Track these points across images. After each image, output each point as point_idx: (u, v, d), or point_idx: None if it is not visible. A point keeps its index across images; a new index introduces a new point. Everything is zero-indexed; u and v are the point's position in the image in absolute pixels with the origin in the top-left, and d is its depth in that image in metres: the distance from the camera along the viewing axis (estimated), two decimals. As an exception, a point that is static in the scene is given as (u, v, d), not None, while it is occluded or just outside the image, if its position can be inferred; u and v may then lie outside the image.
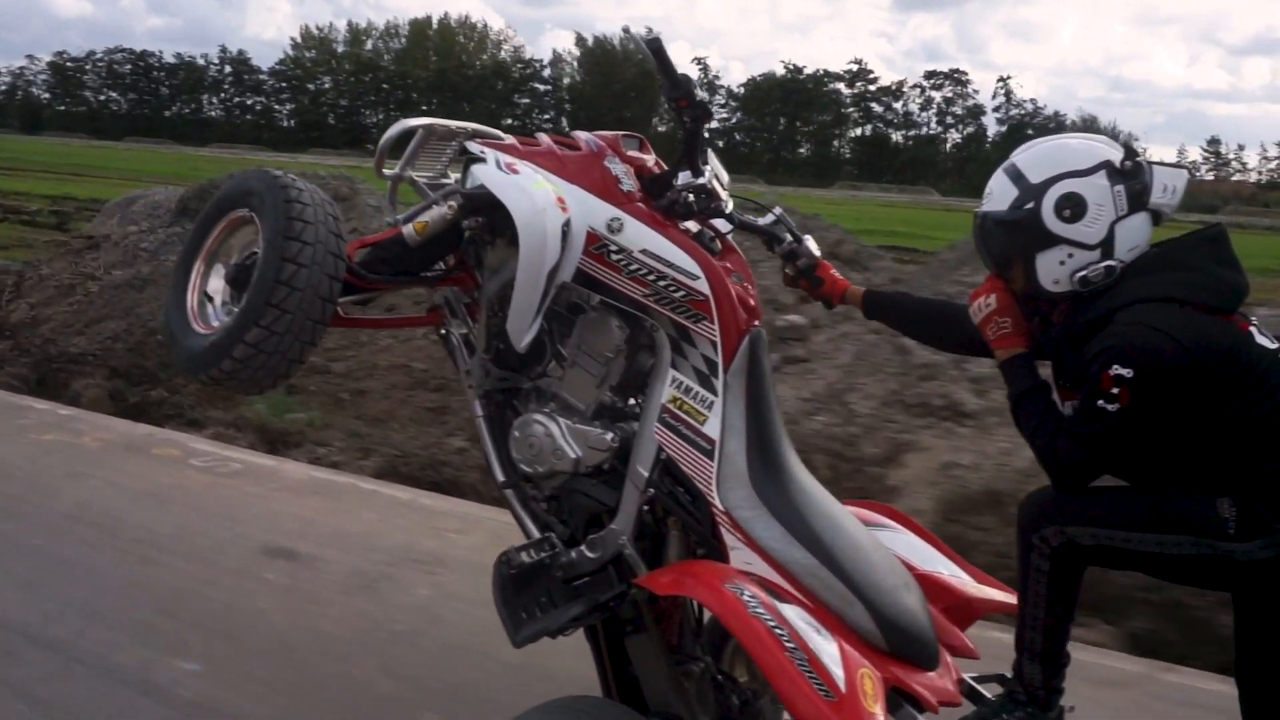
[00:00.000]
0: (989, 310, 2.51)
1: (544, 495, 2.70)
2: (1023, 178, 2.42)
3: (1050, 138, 2.52)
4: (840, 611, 2.38)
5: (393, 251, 2.67)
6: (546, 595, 2.60)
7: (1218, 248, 2.40)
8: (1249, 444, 2.27)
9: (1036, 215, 2.39)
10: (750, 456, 2.48)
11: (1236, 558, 2.26)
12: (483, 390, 2.76)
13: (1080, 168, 2.39)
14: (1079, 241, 2.38)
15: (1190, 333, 2.24)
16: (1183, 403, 2.25)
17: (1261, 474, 2.26)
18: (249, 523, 5.16)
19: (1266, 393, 2.26)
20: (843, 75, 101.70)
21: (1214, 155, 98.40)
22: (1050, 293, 2.42)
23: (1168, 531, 2.29)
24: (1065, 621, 2.42)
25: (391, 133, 2.77)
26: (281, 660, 3.77)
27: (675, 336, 2.51)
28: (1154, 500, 2.33)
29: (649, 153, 2.72)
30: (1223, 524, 2.25)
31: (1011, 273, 2.47)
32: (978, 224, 2.51)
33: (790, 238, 2.87)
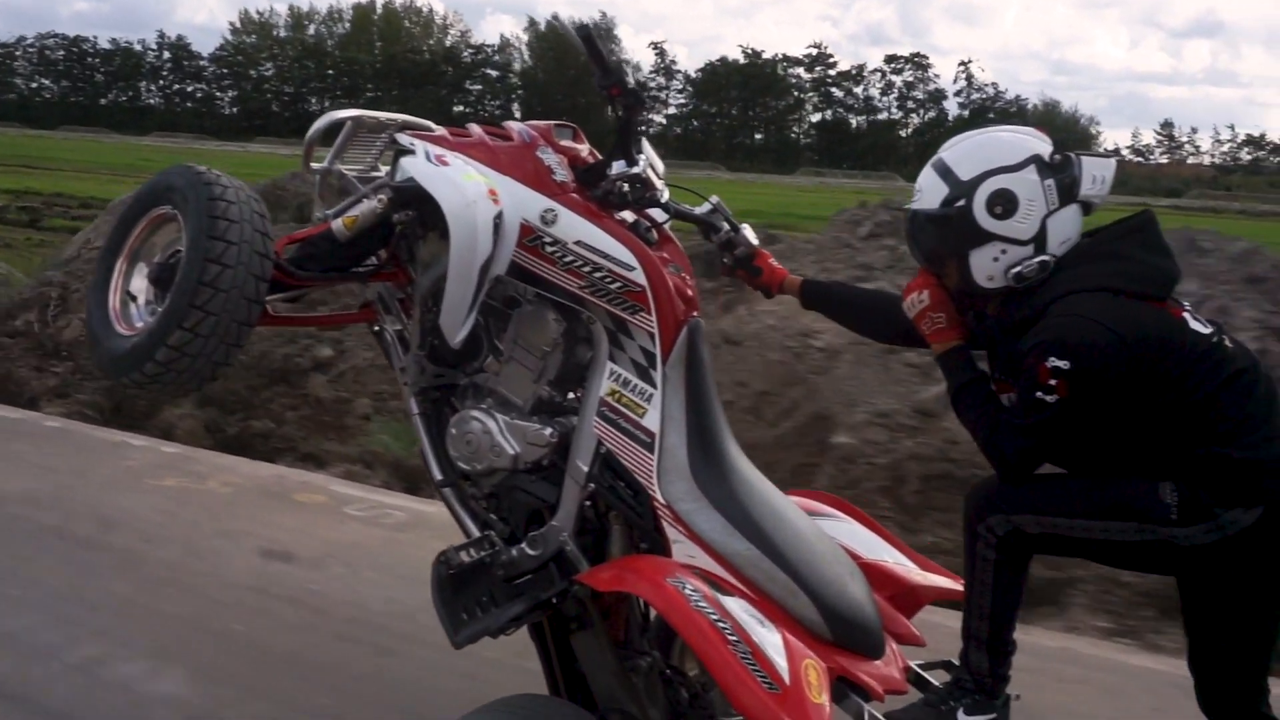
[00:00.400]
0: (923, 306, 2.50)
1: (483, 493, 2.65)
2: (952, 174, 2.41)
3: (978, 131, 2.51)
4: (784, 602, 2.35)
5: (322, 247, 2.61)
6: (488, 594, 2.56)
7: (1147, 235, 2.40)
8: (1188, 429, 2.27)
9: (968, 212, 2.38)
10: (691, 449, 2.45)
11: (1179, 543, 2.27)
12: (418, 387, 2.71)
13: (1010, 163, 2.38)
14: (1012, 238, 2.37)
15: (1124, 321, 2.24)
16: (1120, 391, 2.25)
17: (1201, 459, 2.26)
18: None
19: (1202, 378, 2.27)
20: (802, 60, 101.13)
21: (1167, 138, 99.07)
22: (985, 289, 2.41)
23: (1112, 518, 2.30)
24: (1011, 610, 2.42)
25: (319, 125, 2.70)
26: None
27: (612, 329, 2.47)
28: (1098, 487, 2.33)
29: (582, 142, 2.67)
30: (1165, 510, 2.26)
31: (944, 269, 2.46)
32: (908, 221, 2.49)
33: (727, 226, 2.84)
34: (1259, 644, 2.42)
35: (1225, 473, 2.24)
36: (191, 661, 3.65)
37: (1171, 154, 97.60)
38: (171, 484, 5.59)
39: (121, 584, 4.29)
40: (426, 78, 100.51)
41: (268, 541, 4.80)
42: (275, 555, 4.66)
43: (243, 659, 3.72)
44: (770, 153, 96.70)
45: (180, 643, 3.78)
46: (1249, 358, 2.36)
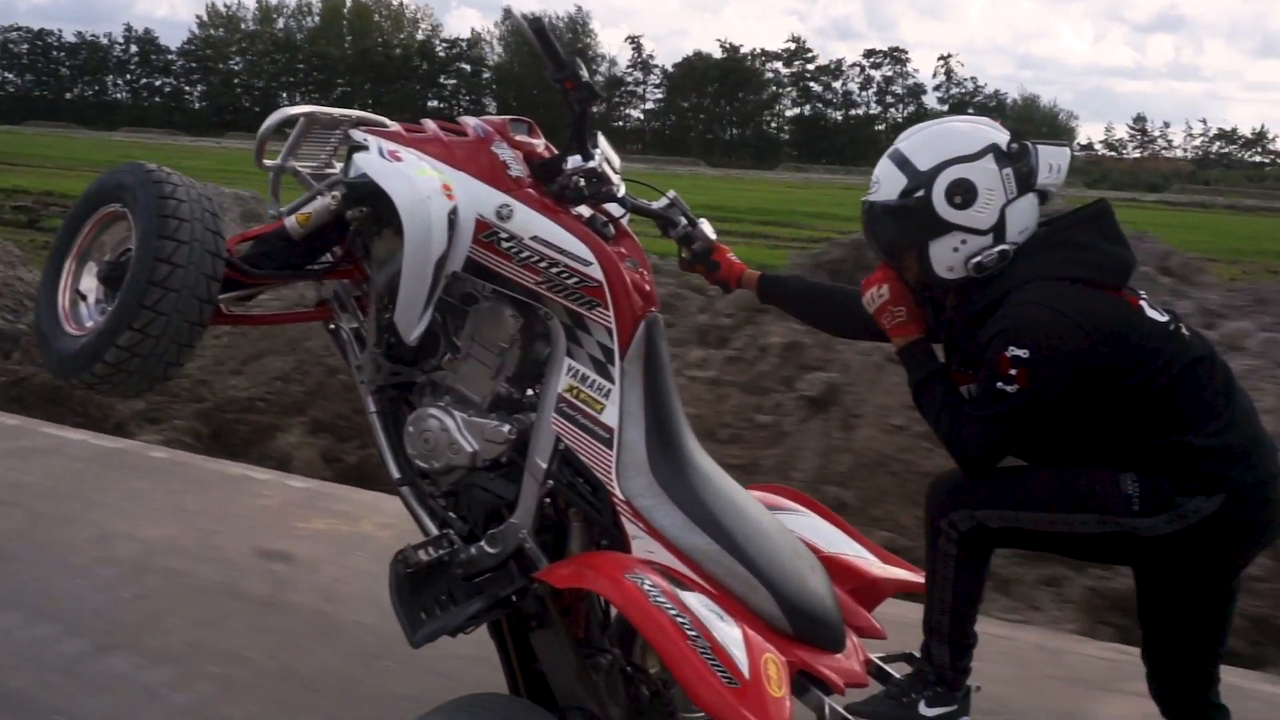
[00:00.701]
0: (883, 300, 2.50)
1: (441, 491, 2.63)
2: (909, 164, 2.40)
3: (934, 121, 2.51)
4: (744, 597, 2.35)
5: (275, 245, 2.58)
6: (446, 593, 2.54)
7: (1104, 224, 2.41)
8: (1147, 419, 2.28)
9: (928, 202, 2.37)
10: (650, 444, 2.44)
11: (1142, 534, 2.27)
12: (375, 386, 2.68)
13: (968, 152, 2.37)
14: (971, 228, 2.36)
15: (1082, 310, 2.24)
16: (1081, 380, 2.25)
17: (1161, 448, 2.27)
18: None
19: (1161, 366, 2.27)
20: (780, 54, 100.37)
21: (1140, 132, 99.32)
22: (944, 280, 2.41)
23: (1074, 511, 2.30)
24: (972, 603, 2.42)
25: (271, 121, 2.67)
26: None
27: (570, 324, 2.46)
28: (1059, 480, 2.34)
29: (538, 137, 2.65)
30: (1127, 501, 2.26)
31: (903, 261, 2.45)
32: (866, 213, 2.48)
33: (685, 221, 2.82)
34: (1212, 632, 2.44)
35: (1186, 461, 2.25)
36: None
37: (1144, 148, 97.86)
38: (322, 527, 5.08)
39: (330, 656, 3.81)
40: (400, 72, 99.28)
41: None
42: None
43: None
44: (749, 148, 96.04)
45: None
46: (1205, 345, 2.37)
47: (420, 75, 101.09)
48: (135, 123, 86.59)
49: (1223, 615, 2.44)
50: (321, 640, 3.91)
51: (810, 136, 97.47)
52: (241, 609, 4.17)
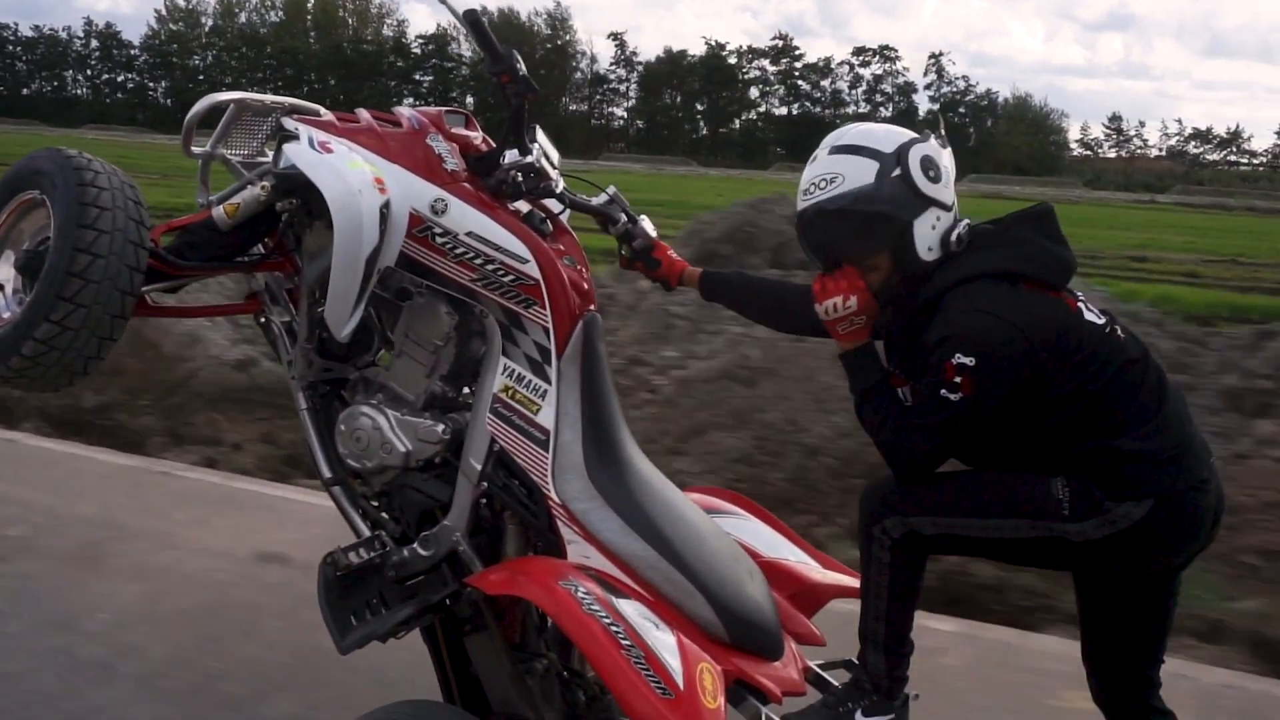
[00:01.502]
0: (848, 312, 2.39)
1: (373, 491, 2.57)
2: (871, 149, 2.34)
3: (848, 126, 2.47)
4: (680, 604, 2.30)
5: (203, 236, 2.50)
6: (378, 596, 2.48)
7: (1046, 224, 2.38)
8: (1080, 423, 2.25)
9: (909, 178, 2.31)
10: (586, 447, 2.39)
11: (1072, 539, 2.25)
12: (306, 382, 2.61)
13: (913, 135, 2.36)
14: (943, 203, 2.34)
15: (1024, 314, 2.22)
16: (1022, 386, 2.22)
17: (1091, 452, 2.24)
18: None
19: (1097, 369, 2.25)
20: (767, 51, 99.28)
21: (1115, 132, 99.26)
22: (924, 263, 2.34)
23: (1006, 516, 2.28)
24: (908, 611, 2.38)
25: (199, 108, 2.59)
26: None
27: (506, 323, 2.40)
28: (991, 485, 2.31)
29: (475, 130, 2.59)
30: (1057, 505, 2.24)
31: (875, 259, 2.36)
32: (823, 214, 2.35)
33: (625, 218, 2.76)
34: (1151, 637, 2.43)
35: (1114, 465, 2.23)
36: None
37: (1120, 147, 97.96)
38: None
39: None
40: (373, 69, 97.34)
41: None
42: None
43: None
44: (736, 147, 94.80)
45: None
46: (1139, 347, 2.35)
47: (394, 72, 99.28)
48: (98, 120, 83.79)
49: (1161, 618, 2.43)
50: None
51: (798, 135, 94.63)
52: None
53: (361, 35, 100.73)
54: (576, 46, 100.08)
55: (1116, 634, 2.44)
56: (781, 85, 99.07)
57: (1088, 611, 2.47)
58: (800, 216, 2.40)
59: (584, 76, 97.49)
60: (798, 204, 2.41)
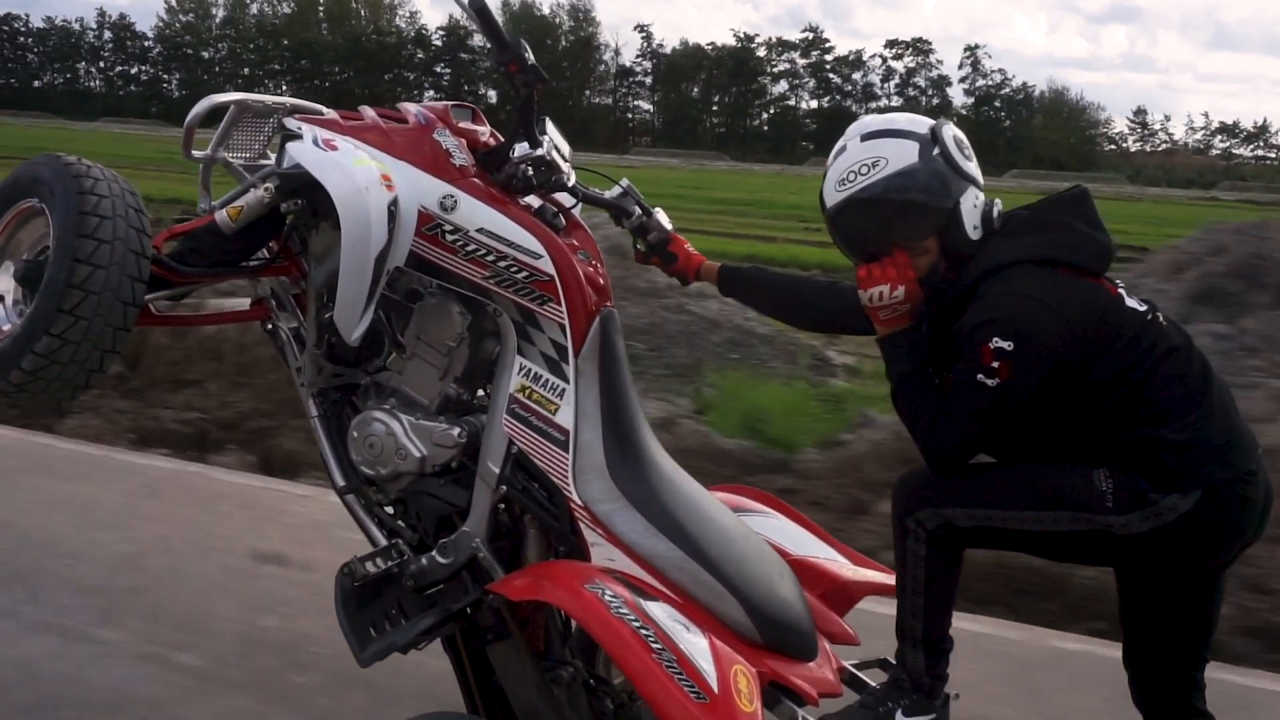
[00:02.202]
0: (895, 300, 2.30)
1: (389, 499, 2.50)
2: (905, 131, 2.29)
3: (863, 117, 2.43)
4: (710, 605, 2.23)
5: (206, 241, 2.42)
6: (396, 607, 2.41)
7: (1083, 208, 2.31)
8: (1122, 412, 2.18)
9: (949, 156, 2.25)
10: (608, 446, 2.32)
11: (1115, 532, 2.17)
12: (316, 389, 2.54)
13: (934, 120, 2.32)
14: (979, 180, 2.29)
15: (1065, 299, 2.15)
16: (1057, 373, 2.15)
17: (1136, 442, 2.17)
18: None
19: (1139, 357, 2.18)
20: (797, 44, 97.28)
21: (1140, 125, 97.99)
22: (971, 243, 2.27)
23: (1046, 508, 2.19)
24: (946, 606, 2.30)
25: (199, 109, 2.52)
26: None
27: (520, 321, 2.33)
28: (1031, 476, 2.23)
29: (483, 124, 2.52)
30: (1101, 497, 2.16)
31: (925, 242, 2.28)
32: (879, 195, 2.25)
33: (639, 211, 2.68)
34: (1195, 635, 2.35)
35: (1160, 456, 2.15)
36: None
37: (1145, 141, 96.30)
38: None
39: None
40: (394, 61, 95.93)
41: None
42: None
43: None
44: (765, 140, 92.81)
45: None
46: (1182, 335, 2.28)
47: (415, 64, 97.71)
48: (111, 112, 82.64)
49: (1206, 616, 2.35)
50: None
51: (829, 129, 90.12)
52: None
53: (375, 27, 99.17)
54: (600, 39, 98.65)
55: (1159, 633, 2.35)
56: (812, 78, 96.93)
57: (1130, 609, 2.39)
58: (840, 207, 2.32)
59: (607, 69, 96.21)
60: (831, 196, 2.33)
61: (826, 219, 2.37)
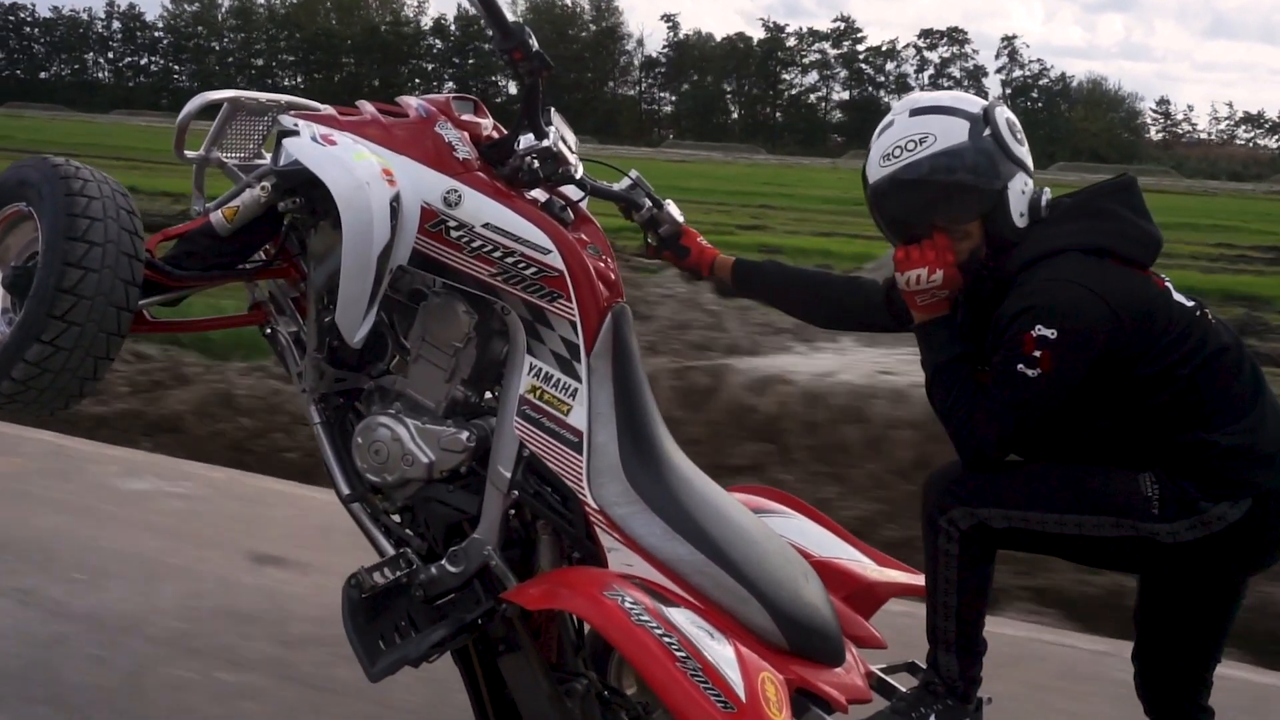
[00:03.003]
0: (933, 284, 2.20)
1: (396, 507, 2.41)
2: (957, 109, 2.19)
3: (913, 93, 2.32)
4: (734, 610, 2.15)
5: (202, 243, 2.34)
6: (406, 618, 2.32)
7: (1132, 196, 2.22)
8: (1170, 413, 2.08)
9: (1000, 138, 2.16)
10: (623, 447, 2.24)
11: (1160, 539, 2.07)
12: (318, 394, 2.46)
13: (987, 99, 2.22)
14: (1029, 166, 2.20)
15: (1113, 288, 2.06)
16: (1102, 365, 2.06)
17: (1185, 446, 2.07)
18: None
19: (1187, 354, 2.08)
20: (828, 34, 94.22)
21: (1164, 116, 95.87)
22: (1016, 230, 2.17)
23: (1087, 512, 2.10)
24: (979, 607, 2.21)
25: (191, 107, 2.44)
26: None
27: (529, 319, 2.24)
28: (1072, 478, 2.13)
29: (485, 116, 2.45)
30: (1146, 503, 2.06)
31: (969, 225, 2.18)
32: (925, 174, 2.15)
33: (649, 203, 2.59)
34: (1213, 637, 2.27)
35: (1210, 462, 2.05)
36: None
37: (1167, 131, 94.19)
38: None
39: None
40: (412, 52, 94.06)
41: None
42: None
43: None
44: (796, 132, 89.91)
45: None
46: (1232, 335, 2.18)
47: (435, 55, 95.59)
48: (120, 104, 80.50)
49: (1226, 618, 2.27)
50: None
51: (862, 121, 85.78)
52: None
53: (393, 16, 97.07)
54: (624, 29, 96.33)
55: (1178, 633, 2.28)
56: (844, 69, 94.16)
57: (1149, 609, 2.31)
58: (883, 183, 2.21)
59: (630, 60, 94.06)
60: (875, 171, 2.23)
61: (867, 195, 2.27)
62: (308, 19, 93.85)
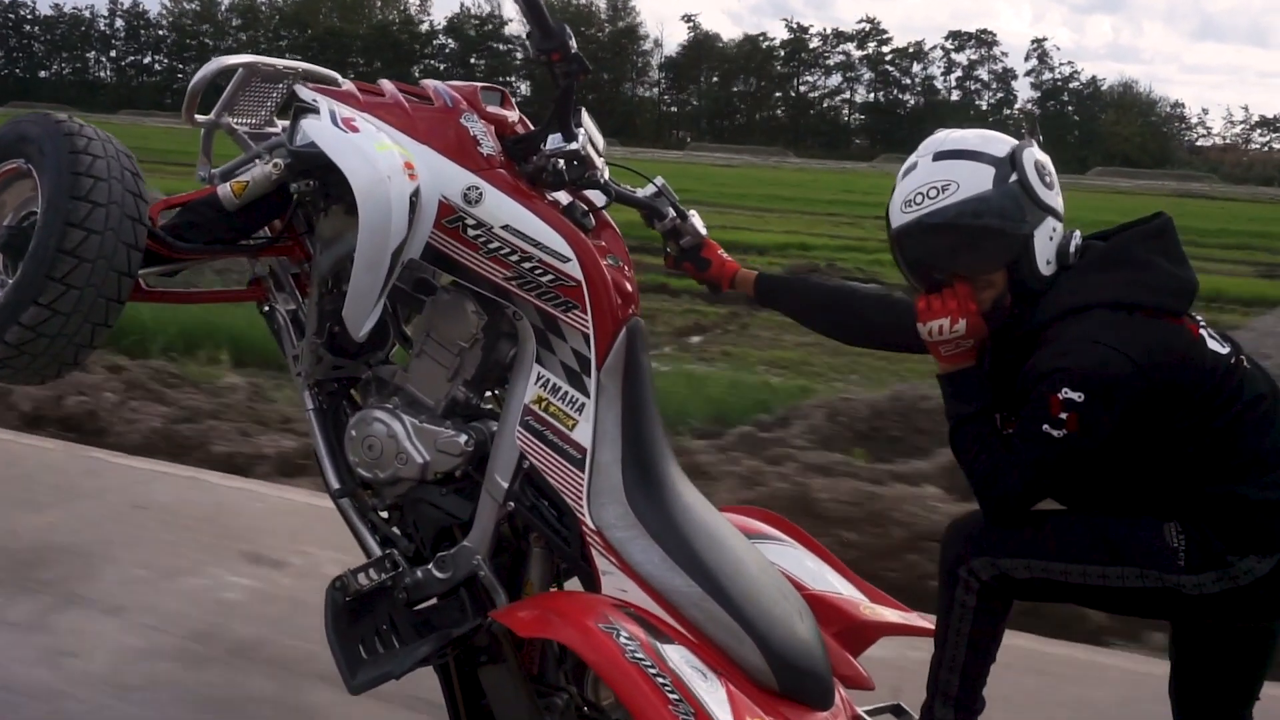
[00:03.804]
0: (956, 335, 2.13)
1: (385, 505, 2.34)
2: (981, 153, 2.10)
3: (939, 132, 2.21)
4: (727, 647, 2.09)
5: (206, 215, 2.23)
6: (388, 621, 2.27)
7: (1166, 242, 2.14)
8: (1201, 463, 2.03)
9: (1027, 184, 2.08)
10: (626, 470, 2.17)
11: (1185, 591, 2.02)
12: (314, 379, 2.38)
13: (1018, 141, 2.14)
14: (1058, 211, 2.12)
15: (1144, 347, 1.98)
16: (1135, 420, 2.00)
17: (1214, 498, 2.02)
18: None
19: (1223, 404, 2.02)
20: (852, 35, 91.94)
21: (1179, 119, 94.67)
22: (1043, 278, 2.10)
23: (1112, 563, 2.04)
24: (985, 663, 2.16)
25: (206, 72, 2.33)
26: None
27: (541, 327, 2.17)
28: (1096, 529, 2.07)
29: (512, 109, 2.35)
30: (1172, 554, 2.01)
31: (993, 275, 2.12)
32: (947, 222, 2.08)
33: (673, 213, 2.49)
34: (1250, 679, 2.21)
35: (1239, 515, 2.00)
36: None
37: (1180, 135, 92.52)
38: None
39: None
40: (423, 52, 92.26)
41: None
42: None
43: None
44: (820, 135, 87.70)
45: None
46: (1269, 382, 2.12)
47: (448, 54, 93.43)
48: (124, 104, 77.96)
49: (1264, 660, 2.21)
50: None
51: (890, 124, 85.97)
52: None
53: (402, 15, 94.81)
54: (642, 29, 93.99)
55: (1214, 677, 2.23)
56: (870, 71, 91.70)
57: (1183, 654, 2.26)
58: (905, 230, 2.14)
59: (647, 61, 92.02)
60: (897, 217, 2.15)
61: (890, 239, 2.19)
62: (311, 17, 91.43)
